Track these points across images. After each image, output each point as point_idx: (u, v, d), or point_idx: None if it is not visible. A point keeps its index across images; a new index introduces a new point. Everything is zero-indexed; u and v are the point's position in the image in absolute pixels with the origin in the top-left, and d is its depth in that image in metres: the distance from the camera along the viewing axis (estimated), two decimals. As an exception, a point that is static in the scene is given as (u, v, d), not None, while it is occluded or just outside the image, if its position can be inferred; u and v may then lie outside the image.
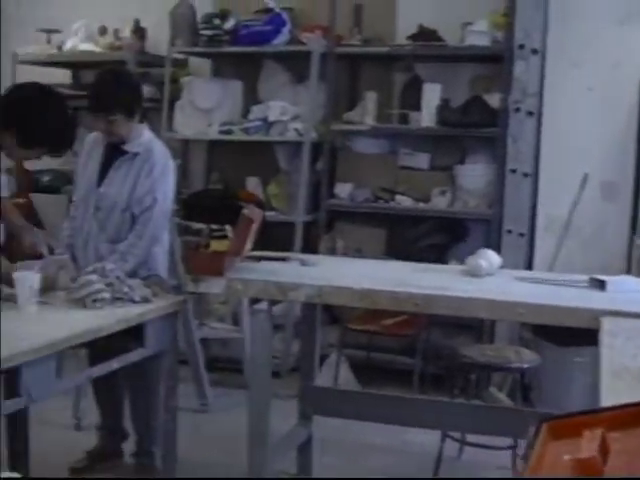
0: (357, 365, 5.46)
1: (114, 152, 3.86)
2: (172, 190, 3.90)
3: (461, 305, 3.19)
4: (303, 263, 3.72)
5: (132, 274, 3.62)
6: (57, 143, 3.52)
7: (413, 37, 5.65)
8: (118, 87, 3.78)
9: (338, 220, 5.93)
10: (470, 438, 4.29)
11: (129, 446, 4.21)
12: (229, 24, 5.87)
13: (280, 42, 5.80)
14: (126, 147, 3.83)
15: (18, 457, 3.89)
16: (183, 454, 3.86)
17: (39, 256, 3.66)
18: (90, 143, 4.00)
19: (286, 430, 4.03)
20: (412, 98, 5.68)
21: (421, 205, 5.66)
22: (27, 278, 3.22)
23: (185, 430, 3.94)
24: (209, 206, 5.45)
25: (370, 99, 5.76)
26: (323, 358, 5.07)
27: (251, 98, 6.16)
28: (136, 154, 3.82)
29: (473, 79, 5.82)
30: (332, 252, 5.62)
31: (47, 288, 3.39)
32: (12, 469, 3.83)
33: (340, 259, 4.73)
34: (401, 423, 4.12)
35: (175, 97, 6.17)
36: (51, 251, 3.73)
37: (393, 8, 5.99)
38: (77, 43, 6.44)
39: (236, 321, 5.60)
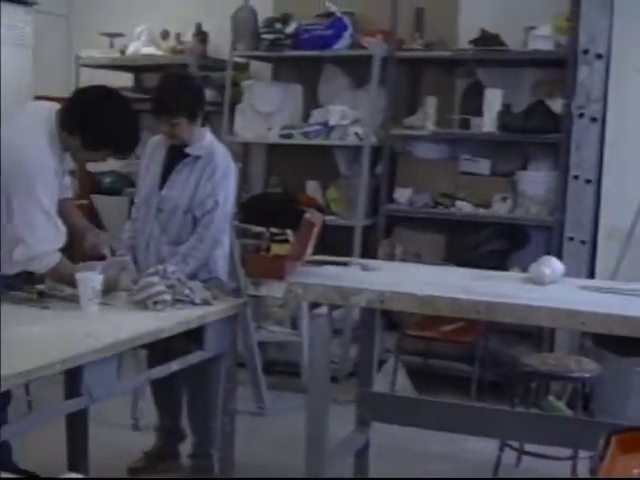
0: (414, 371, 5.42)
1: (176, 155, 3.88)
2: (233, 193, 3.91)
3: (525, 313, 3.14)
4: (364, 268, 3.70)
5: (192, 276, 3.64)
6: (122, 145, 3.54)
7: (475, 41, 5.60)
8: (181, 90, 3.79)
9: (397, 225, 5.90)
10: (529, 447, 4.23)
11: (186, 448, 4.22)
12: (290, 28, 5.87)
13: (341, 46, 5.79)
14: (188, 150, 3.85)
15: (77, 456, 3.91)
16: (240, 457, 3.86)
17: (101, 257, 3.68)
18: (152, 146, 4.03)
19: (343, 435, 4.01)
20: (473, 103, 5.64)
21: (481, 211, 5.61)
22: (89, 279, 3.25)
23: (242, 433, 3.94)
24: (268, 209, 5.46)
25: (431, 104, 5.72)
26: (380, 364, 5.05)
27: (311, 102, 6.16)
28: (198, 157, 3.84)
29: (535, 84, 5.75)
30: (391, 257, 5.58)
31: (109, 289, 3.42)
32: (71, 468, 3.87)
33: (401, 264, 4.70)
34: (459, 431, 4.07)
35: (236, 101, 6.19)
36: (113, 252, 3.76)
37: (455, 12, 5.95)
38: (139, 47, 6.50)
39: (294, 325, 5.60)
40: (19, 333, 2.91)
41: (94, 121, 3.40)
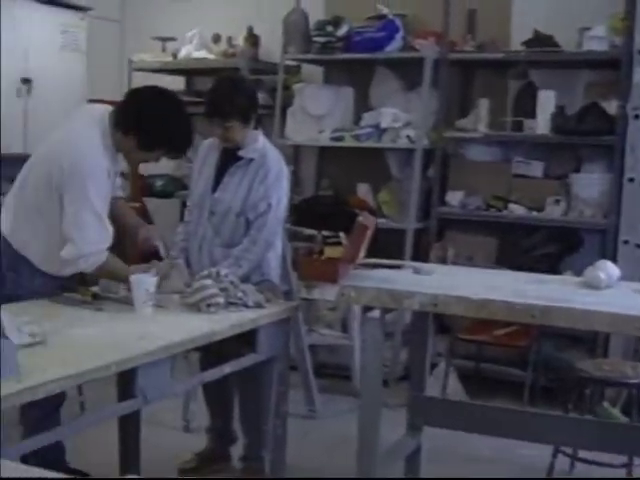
0: (465, 375, 5.39)
1: (229, 158, 3.89)
2: (286, 196, 3.91)
3: (581, 318, 3.10)
4: (417, 271, 3.68)
5: (245, 279, 3.64)
6: (176, 145, 3.57)
7: (528, 43, 5.55)
8: (235, 93, 3.80)
9: (449, 228, 5.87)
10: (582, 454, 4.18)
11: (237, 450, 4.23)
12: (342, 31, 5.86)
13: (393, 49, 5.77)
14: (241, 153, 3.86)
15: (129, 457, 3.94)
16: (291, 459, 3.86)
17: (154, 252, 3.70)
18: (205, 149, 4.04)
19: (393, 439, 3.98)
20: (526, 105, 5.58)
21: (534, 214, 5.55)
22: (143, 281, 3.27)
23: (293, 436, 3.92)
24: (320, 212, 5.46)
25: (483, 106, 5.68)
26: (431, 367, 5.00)
27: (362, 105, 6.15)
28: (251, 160, 3.85)
29: (589, 85, 5.68)
30: (442, 260, 5.55)
31: (162, 292, 3.43)
32: (122, 469, 3.90)
33: (454, 268, 4.65)
34: (512, 436, 4.02)
35: (287, 104, 6.21)
36: (165, 246, 3.76)
37: (508, 13, 5.90)
38: (191, 51, 6.54)
39: (345, 328, 5.59)
40: (74, 335, 2.94)
41: (149, 121, 3.44)
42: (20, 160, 3.70)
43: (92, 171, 3.36)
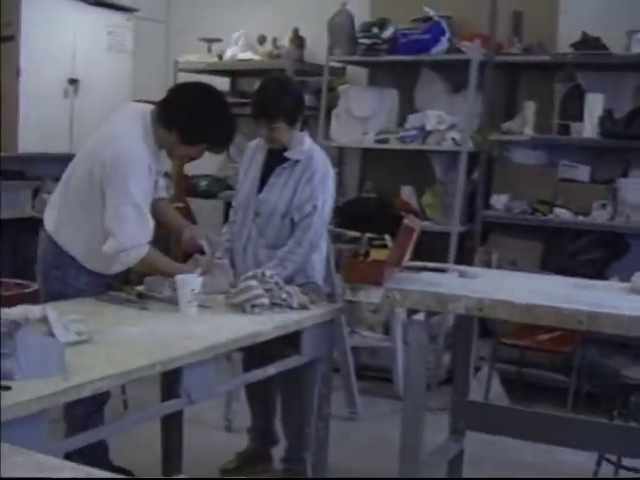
0: (508, 380, 5.35)
1: (275, 159, 3.89)
2: (332, 198, 3.89)
3: (629, 324, 3.05)
4: (462, 275, 3.66)
5: (289, 280, 3.64)
6: (219, 139, 3.58)
7: (575, 45, 5.51)
8: (281, 94, 3.79)
9: (493, 232, 5.83)
10: (627, 462, 4.13)
11: (279, 451, 4.23)
12: (387, 33, 5.85)
13: (438, 51, 5.74)
14: (287, 154, 3.86)
15: (171, 456, 3.96)
16: (331, 461, 3.86)
17: (200, 251, 3.71)
18: (252, 150, 4.04)
19: (435, 443, 3.96)
20: (573, 108, 5.53)
21: (580, 218, 5.49)
22: (188, 281, 3.28)
23: (334, 438, 3.91)
24: (363, 214, 5.45)
25: (529, 109, 5.64)
26: (474, 371, 4.98)
27: (407, 107, 6.14)
28: (297, 161, 3.84)
29: (638, 89, 5.62)
30: (487, 264, 5.51)
31: (207, 292, 3.43)
32: (165, 468, 3.92)
33: (499, 272, 4.63)
34: (555, 442, 3.98)
35: (332, 105, 6.20)
36: (211, 245, 3.76)
37: (555, 15, 5.85)
38: (237, 52, 6.56)
39: (387, 330, 5.58)
40: (120, 333, 2.95)
41: (192, 115, 3.45)
42: (66, 160, 3.74)
43: (132, 165, 3.38)
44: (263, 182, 3.89)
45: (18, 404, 2.20)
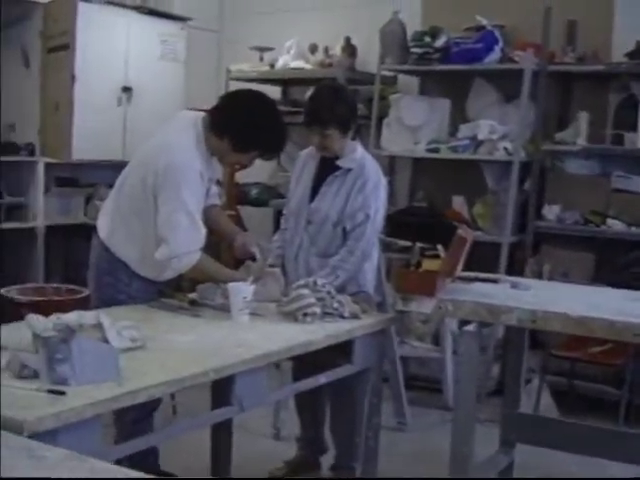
0: (558, 392, 5.29)
1: (327, 167, 3.89)
2: (384, 207, 3.89)
3: (686, 338, 3.02)
4: (514, 286, 3.64)
5: (341, 289, 3.64)
6: (271, 146, 3.60)
7: (630, 55, 5.45)
8: (335, 102, 3.79)
9: (545, 242, 5.77)
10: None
11: (327, 460, 4.22)
12: (440, 42, 5.82)
13: (491, 60, 5.70)
14: (339, 162, 3.86)
15: (220, 462, 3.97)
16: (380, 471, 3.84)
17: (251, 258, 3.72)
18: (303, 158, 4.05)
19: (483, 455, 3.94)
20: (627, 118, 5.47)
21: (633, 230, 5.42)
22: (241, 289, 3.29)
23: (382, 447, 3.89)
24: (414, 224, 5.42)
25: (583, 119, 5.58)
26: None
27: (458, 116, 6.11)
28: (349, 170, 3.84)
29: (694, 99, 5.55)
30: (538, 275, 5.47)
31: (258, 300, 3.45)
32: (214, 474, 3.94)
33: (552, 283, 4.59)
34: (605, 456, 3.94)
35: (383, 114, 6.19)
36: (262, 252, 3.77)
37: (609, 25, 5.78)
38: (288, 61, 6.57)
39: (436, 340, 5.55)
40: (172, 340, 2.97)
41: (244, 123, 3.48)
42: (118, 167, 3.79)
43: (185, 172, 3.41)
44: (315, 191, 3.90)
45: (73, 409, 2.23)
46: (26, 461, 1.81)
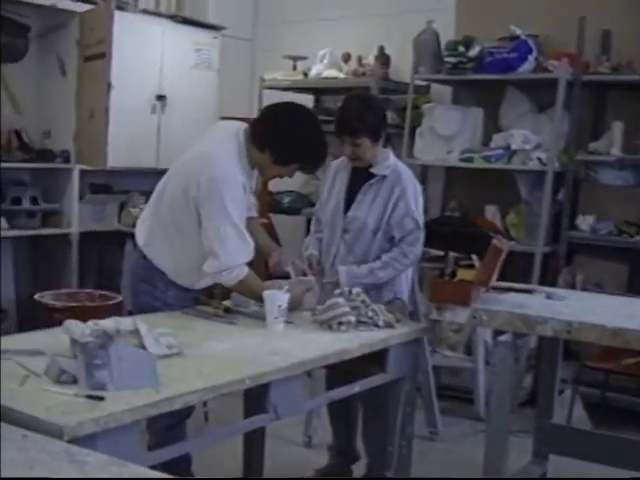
0: (590, 404, 5.25)
1: (360, 176, 3.91)
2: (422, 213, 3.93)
3: None
4: (549, 296, 3.63)
5: (377, 296, 3.63)
6: (312, 159, 3.60)
7: (666, 64, 5.43)
8: (364, 111, 3.81)
9: (578, 253, 5.75)
10: None
11: (359, 468, 4.22)
12: (473, 51, 5.82)
13: (525, 70, 5.68)
14: (374, 170, 3.87)
15: (252, 470, 3.99)
16: (412, 481, 3.85)
17: (285, 276, 3.73)
18: (334, 169, 4.07)
19: (516, 466, 3.92)
20: (662, 129, 5.45)
21: (668, 241, 5.40)
22: (276, 297, 3.30)
23: (414, 457, 3.87)
24: (447, 233, 5.42)
25: (617, 129, 5.56)
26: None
27: (491, 126, 6.10)
28: (384, 177, 3.85)
29: None
30: (571, 286, 5.44)
31: (293, 308, 3.46)
32: (246, 480, 3.95)
33: (586, 294, 4.57)
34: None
35: (416, 123, 6.19)
36: (296, 268, 3.78)
37: (644, 34, 5.76)
38: (322, 70, 6.59)
39: (468, 350, 5.54)
40: (208, 347, 2.99)
41: (285, 136, 3.48)
42: (152, 175, 3.81)
43: (229, 185, 3.40)
44: (350, 200, 3.91)
45: (111, 415, 2.25)
46: (67, 465, 1.83)
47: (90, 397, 2.31)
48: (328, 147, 3.62)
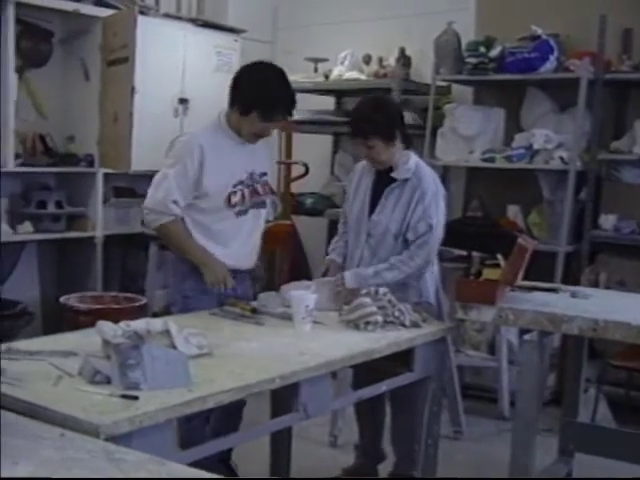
0: (614, 403, 5.25)
1: (383, 180, 3.91)
2: (444, 216, 3.90)
3: None
4: (574, 295, 3.64)
5: (403, 299, 3.66)
6: (269, 104, 3.71)
7: (687, 62, 5.42)
8: (374, 112, 3.84)
9: (601, 252, 5.75)
10: None
11: (385, 468, 4.23)
12: (494, 52, 5.83)
13: (547, 69, 5.68)
14: (394, 174, 3.87)
15: (280, 469, 4.01)
16: (438, 480, 3.86)
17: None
18: (359, 172, 4.08)
19: (541, 464, 3.92)
20: (685, 127, 5.43)
21: (691, 239, 5.39)
22: (304, 298, 3.33)
23: (438, 456, 3.89)
24: (469, 233, 5.42)
25: (639, 127, 5.55)
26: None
27: (512, 125, 6.10)
28: (406, 180, 3.86)
29: None
30: (594, 284, 5.44)
31: (320, 309, 3.48)
32: (272, 480, 3.98)
33: (611, 292, 4.57)
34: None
35: (437, 124, 6.20)
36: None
37: (666, 32, 5.75)
38: (343, 71, 6.61)
39: (492, 349, 5.55)
40: (237, 347, 3.02)
41: (240, 85, 3.75)
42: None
43: (182, 144, 3.82)
44: (374, 204, 3.92)
45: (146, 414, 2.28)
46: (106, 464, 1.86)
47: (124, 397, 2.35)
48: (288, 92, 3.75)
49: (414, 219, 3.80)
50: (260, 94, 3.68)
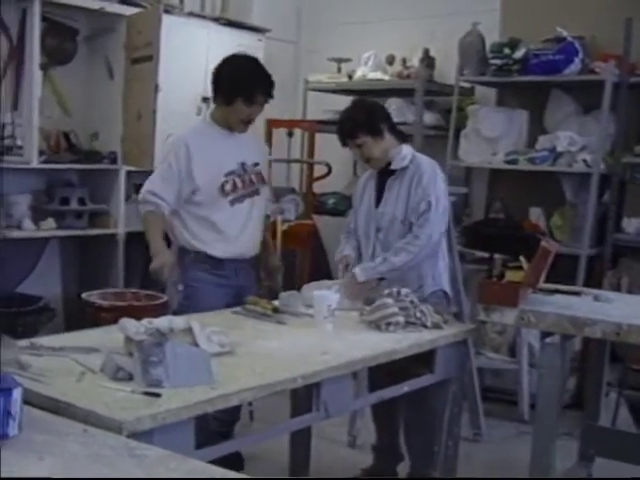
0: (635, 407, 5.22)
1: (384, 176, 3.97)
2: (445, 197, 3.90)
3: None
4: (597, 298, 3.62)
5: (419, 288, 3.65)
6: (247, 87, 3.87)
7: None
8: (352, 111, 3.97)
9: (624, 255, 5.72)
10: None
11: (404, 469, 4.23)
12: (519, 53, 5.80)
13: (571, 71, 5.65)
14: (393, 166, 3.92)
15: (299, 469, 4.02)
16: (458, 483, 3.85)
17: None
18: (363, 180, 4.16)
19: (560, 468, 3.90)
20: None
21: None
22: (326, 297, 3.33)
23: (458, 458, 3.90)
24: (491, 235, 5.41)
25: (664, 131, 5.53)
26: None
27: (536, 128, 6.08)
28: (404, 169, 3.90)
29: None
30: (616, 288, 5.41)
31: (342, 308, 3.48)
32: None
33: (634, 297, 4.55)
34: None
35: (460, 125, 6.19)
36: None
37: (693, 34, 5.70)
38: (366, 72, 6.60)
39: (512, 352, 5.53)
40: (259, 346, 3.03)
41: (219, 76, 3.94)
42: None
43: (172, 142, 4.01)
44: (379, 199, 3.97)
45: (169, 411, 2.29)
46: (128, 460, 1.87)
47: (147, 394, 2.36)
48: (266, 76, 3.92)
49: (415, 201, 3.83)
50: (240, 81, 3.88)
